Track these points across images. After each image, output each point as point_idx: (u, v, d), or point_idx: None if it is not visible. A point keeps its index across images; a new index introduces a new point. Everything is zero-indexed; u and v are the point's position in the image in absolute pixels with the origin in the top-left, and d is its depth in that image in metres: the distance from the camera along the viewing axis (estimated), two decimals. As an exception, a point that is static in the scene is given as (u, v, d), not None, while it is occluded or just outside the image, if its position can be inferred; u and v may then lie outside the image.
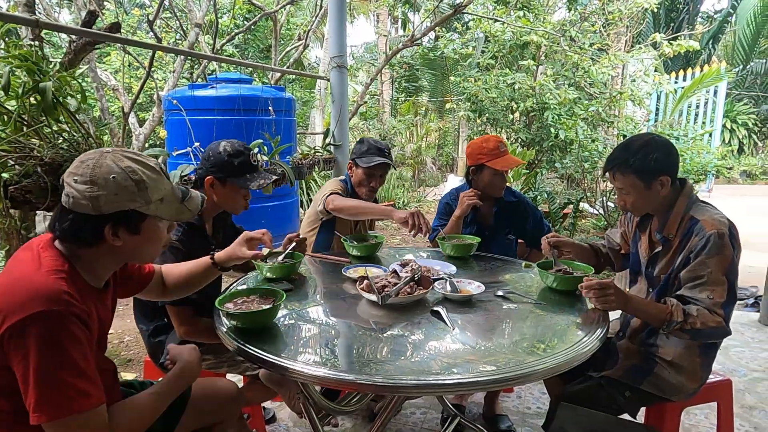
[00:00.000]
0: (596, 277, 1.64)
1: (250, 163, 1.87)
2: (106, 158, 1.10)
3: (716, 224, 1.56)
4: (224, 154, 1.83)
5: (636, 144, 1.68)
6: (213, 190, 1.85)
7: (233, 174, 1.84)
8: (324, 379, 1.26)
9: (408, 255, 2.29)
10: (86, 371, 1.04)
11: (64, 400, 1.00)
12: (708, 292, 1.53)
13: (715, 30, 12.91)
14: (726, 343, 3.28)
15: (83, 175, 1.07)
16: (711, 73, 6.89)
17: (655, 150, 1.64)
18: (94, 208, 1.07)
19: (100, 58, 9.09)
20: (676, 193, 1.69)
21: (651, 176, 1.64)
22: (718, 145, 8.40)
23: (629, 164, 1.66)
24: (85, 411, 1.02)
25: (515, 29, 5.94)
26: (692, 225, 1.61)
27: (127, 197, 1.10)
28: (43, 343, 0.98)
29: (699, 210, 1.64)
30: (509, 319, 1.61)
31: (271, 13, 6.44)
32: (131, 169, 1.11)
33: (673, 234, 1.67)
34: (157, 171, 1.16)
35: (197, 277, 1.53)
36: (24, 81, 1.87)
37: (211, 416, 1.54)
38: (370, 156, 2.41)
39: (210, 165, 1.84)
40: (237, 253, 1.52)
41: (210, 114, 4.03)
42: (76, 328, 1.03)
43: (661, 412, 1.76)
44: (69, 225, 1.09)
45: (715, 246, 1.53)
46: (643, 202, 1.70)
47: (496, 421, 2.35)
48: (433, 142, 12.50)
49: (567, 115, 5.38)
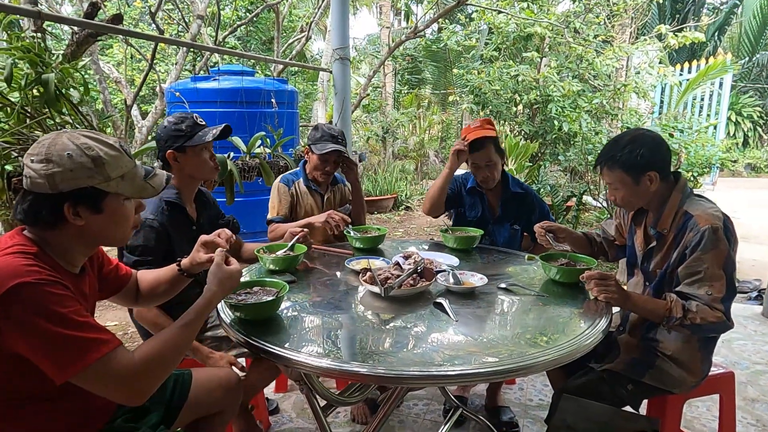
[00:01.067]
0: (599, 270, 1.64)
1: (197, 122, 1.90)
2: (62, 137, 1.10)
3: (710, 219, 1.55)
4: (170, 126, 1.87)
5: (624, 139, 1.68)
6: (178, 163, 1.88)
7: (187, 137, 1.86)
8: (327, 370, 1.26)
9: (411, 247, 2.29)
10: (87, 323, 1.03)
11: (76, 353, 1.00)
12: (706, 287, 1.53)
13: (721, 21, 12.80)
14: (729, 335, 3.29)
15: (39, 154, 1.07)
16: (716, 65, 6.84)
17: (642, 145, 1.63)
18: (51, 186, 1.06)
19: (102, 50, 9.07)
20: (670, 187, 1.69)
21: (638, 171, 1.64)
22: (722, 137, 8.37)
23: (616, 159, 1.66)
24: (102, 356, 1.02)
25: (519, 21, 5.90)
26: (686, 220, 1.60)
27: (84, 173, 1.08)
28: (32, 313, 0.98)
29: (693, 204, 1.63)
30: (512, 311, 1.62)
31: (273, 5, 6.41)
32: (87, 145, 1.09)
33: (667, 229, 1.66)
34: (117, 148, 1.14)
35: (166, 284, 1.50)
36: (27, 73, 1.88)
37: (211, 406, 1.54)
38: (323, 143, 2.44)
39: (164, 142, 1.87)
40: (195, 258, 1.47)
41: (212, 106, 4.02)
42: (57, 290, 1.02)
43: (663, 404, 1.77)
44: (28, 206, 1.08)
45: (710, 241, 1.52)
46: (633, 197, 1.70)
47: (499, 412, 2.35)
48: (435, 134, 12.46)
49: (571, 107, 5.35)
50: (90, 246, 1.21)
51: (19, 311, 0.97)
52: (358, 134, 10.09)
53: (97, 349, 1.01)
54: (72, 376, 1.00)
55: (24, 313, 0.97)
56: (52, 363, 1.00)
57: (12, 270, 1.00)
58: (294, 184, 2.55)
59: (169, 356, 1.12)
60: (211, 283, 1.25)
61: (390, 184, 8.10)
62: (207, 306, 1.22)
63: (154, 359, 1.09)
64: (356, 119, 10.32)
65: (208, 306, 1.23)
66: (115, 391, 1.05)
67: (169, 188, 1.86)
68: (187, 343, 1.19)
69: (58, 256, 1.13)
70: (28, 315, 0.97)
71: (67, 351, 0.99)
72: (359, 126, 10.45)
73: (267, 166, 3.06)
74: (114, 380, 1.03)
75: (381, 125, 10.24)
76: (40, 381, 1.05)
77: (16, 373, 1.05)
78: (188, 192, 1.97)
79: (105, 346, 1.03)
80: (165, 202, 1.85)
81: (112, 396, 1.07)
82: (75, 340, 1.00)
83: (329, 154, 2.44)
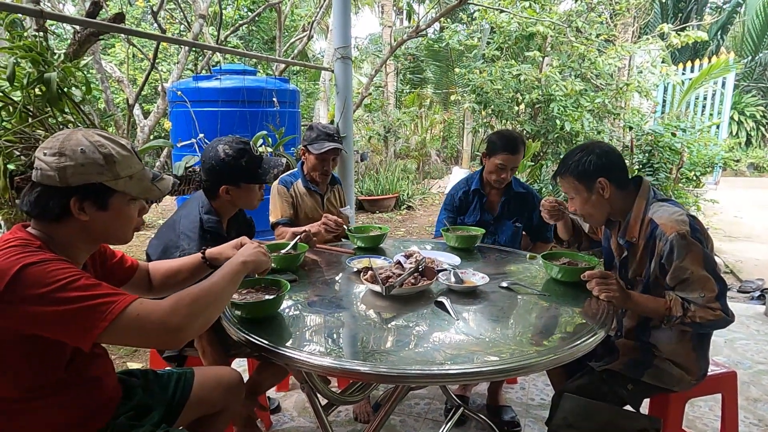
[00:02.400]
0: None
1: (255, 157, 1.85)
2: (76, 133, 1.13)
3: (675, 225, 1.55)
4: (227, 158, 1.79)
5: (577, 149, 1.75)
6: (229, 195, 1.84)
7: (244, 175, 1.82)
8: (328, 369, 1.26)
9: (412, 246, 2.29)
10: (100, 284, 1.05)
11: (97, 312, 1.01)
12: (698, 291, 1.53)
13: (724, 20, 12.74)
14: (731, 335, 3.29)
15: (52, 148, 1.09)
16: (719, 65, 6.81)
17: (591, 152, 1.68)
18: (61, 180, 1.08)
19: (104, 49, 9.09)
20: (632, 195, 1.70)
21: (588, 178, 1.67)
22: (725, 137, 8.33)
23: (568, 167, 1.71)
24: (124, 307, 1.03)
25: (521, 20, 5.88)
26: (653, 229, 1.61)
27: (95, 170, 1.11)
28: (44, 287, 0.99)
29: (657, 212, 1.63)
30: (513, 311, 1.61)
31: (275, 4, 6.41)
32: (100, 143, 1.12)
33: (636, 237, 1.67)
34: (128, 149, 1.17)
35: (186, 273, 1.53)
36: (29, 72, 1.88)
37: (214, 404, 1.55)
38: (320, 142, 2.42)
39: (217, 174, 1.80)
40: (228, 253, 1.50)
41: (214, 105, 4.02)
42: (63, 264, 1.04)
43: (664, 404, 1.76)
44: (36, 198, 1.10)
45: (681, 247, 1.53)
46: (589, 206, 1.72)
47: (500, 412, 2.35)
48: (437, 134, 12.44)
49: (573, 106, 5.33)
50: (91, 243, 1.22)
51: (32, 290, 0.99)
52: (360, 133, 10.08)
53: (117, 303, 1.03)
54: (99, 334, 1.01)
55: (36, 289, 0.99)
56: (77, 328, 1.01)
57: (15, 257, 1.01)
58: (293, 185, 2.53)
59: (196, 297, 1.13)
60: (242, 255, 1.31)
61: (392, 184, 8.09)
62: (233, 273, 1.26)
63: (181, 300, 1.11)
64: (358, 118, 10.31)
65: (234, 273, 1.26)
66: (147, 336, 1.07)
67: (209, 214, 1.83)
68: (214, 292, 1.18)
69: (61, 252, 1.13)
70: (40, 289, 0.99)
71: (89, 312, 1.01)
72: (361, 125, 10.45)
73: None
74: (145, 326, 1.04)
75: (383, 124, 10.23)
76: (51, 368, 1.08)
77: (26, 360, 1.06)
78: (228, 215, 1.93)
79: (123, 299, 1.04)
80: (208, 232, 1.78)
81: (147, 342, 1.11)
82: (93, 299, 1.01)
83: (327, 153, 2.43)
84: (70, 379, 1.13)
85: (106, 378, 1.27)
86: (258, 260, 1.33)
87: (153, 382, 1.46)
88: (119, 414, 1.30)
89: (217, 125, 3.69)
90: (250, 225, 2.18)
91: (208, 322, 1.17)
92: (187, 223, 1.79)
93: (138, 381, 1.43)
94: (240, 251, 1.35)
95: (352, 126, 4.18)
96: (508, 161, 2.44)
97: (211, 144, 1.85)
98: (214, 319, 1.18)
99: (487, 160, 2.51)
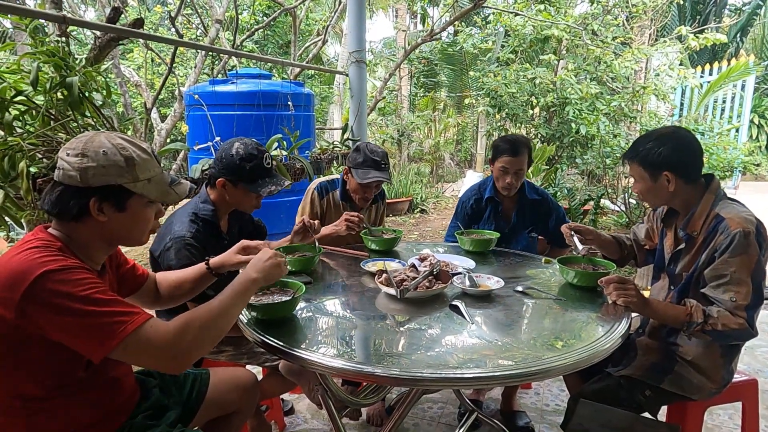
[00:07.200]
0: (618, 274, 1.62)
1: (263, 167, 1.86)
2: (99, 136, 1.16)
3: (742, 222, 1.51)
4: (236, 157, 1.82)
5: (654, 134, 1.68)
6: (225, 190, 1.87)
7: (244, 178, 1.84)
8: (342, 371, 1.27)
9: (426, 249, 2.29)
10: (116, 299, 1.07)
11: (112, 328, 1.03)
12: (731, 293, 1.49)
13: (744, 22, 12.51)
14: (752, 343, 3.21)
15: (75, 149, 1.12)
16: (739, 67, 6.70)
17: (665, 144, 1.62)
18: (82, 180, 1.11)
19: (123, 54, 9.24)
20: (701, 190, 1.65)
21: (654, 169, 1.63)
22: (745, 141, 8.17)
23: (637, 153, 1.67)
24: (137, 327, 1.05)
25: (536, 23, 5.86)
26: (717, 223, 1.57)
27: (116, 172, 1.13)
28: (62, 296, 1.01)
29: (725, 207, 1.59)
30: (528, 315, 1.60)
31: (290, 9, 6.47)
32: (122, 146, 1.15)
33: (697, 231, 1.63)
34: (148, 153, 1.20)
35: (192, 283, 1.53)
36: (51, 76, 1.92)
37: (229, 405, 1.56)
38: (366, 169, 2.30)
39: (222, 167, 1.84)
40: (231, 259, 1.51)
41: (230, 109, 4.06)
42: (83, 273, 1.06)
43: (683, 411, 1.73)
44: (56, 197, 1.13)
45: (740, 245, 1.49)
46: (651, 194, 1.69)
47: (514, 417, 2.33)
48: (451, 137, 12.41)
49: (588, 110, 5.29)
50: (109, 244, 1.24)
51: (51, 297, 1.01)
52: (373, 137, 10.10)
53: (131, 322, 1.05)
54: (111, 350, 1.03)
55: (55, 297, 1.01)
56: (90, 341, 1.03)
57: (37, 261, 1.03)
58: (329, 194, 2.48)
59: (204, 320, 1.14)
60: (253, 269, 1.28)
61: (405, 187, 8.09)
62: (243, 291, 1.24)
63: (188, 325, 1.11)
64: (372, 122, 10.34)
65: (244, 291, 1.25)
66: (155, 359, 1.09)
67: (205, 203, 1.87)
68: (223, 312, 1.18)
69: (80, 253, 1.16)
70: (59, 299, 1.01)
71: (103, 327, 1.03)
72: (375, 129, 10.47)
73: (283, 169, 3.08)
74: (152, 349, 1.06)
75: (396, 128, 10.25)
76: (71, 368, 1.10)
77: (47, 359, 1.08)
78: (224, 210, 1.95)
79: (138, 318, 1.06)
80: (201, 219, 1.83)
81: (153, 365, 1.12)
82: (108, 316, 1.03)
83: (371, 183, 2.33)
84: (91, 379, 1.15)
85: (125, 378, 1.29)
86: (269, 274, 1.30)
87: (169, 382, 1.48)
88: (136, 414, 1.31)
89: (233, 129, 3.72)
90: (258, 227, 2.19)
91: (215, 341, 1.18)
92: (182, 210, 1.86)
93: (155, 381, 1.45)
94: (252, 263, 1.31)
95: (366, 129, 4.19)
96: (509, 163, 2.41)
97: (233, 139, 1.89)
98: (222, 337, 1.19)
99: (493, 166, 2.49)
